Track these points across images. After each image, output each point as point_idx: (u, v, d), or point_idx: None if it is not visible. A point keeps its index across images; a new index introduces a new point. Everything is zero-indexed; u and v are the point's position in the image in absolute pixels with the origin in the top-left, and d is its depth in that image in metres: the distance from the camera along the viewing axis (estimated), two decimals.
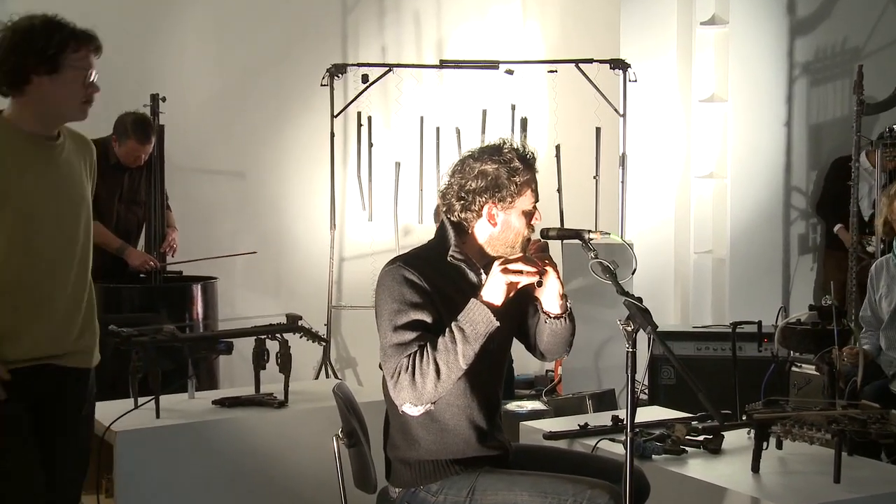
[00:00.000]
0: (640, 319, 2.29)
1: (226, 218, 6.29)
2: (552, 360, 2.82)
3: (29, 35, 2.59)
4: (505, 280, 2.45)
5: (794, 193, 6.70)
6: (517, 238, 2.58)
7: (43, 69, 2.59)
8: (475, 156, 2.58)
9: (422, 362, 2.41)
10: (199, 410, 3.76)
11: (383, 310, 2.50)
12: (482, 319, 2.42)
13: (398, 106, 6.57)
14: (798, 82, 6.65)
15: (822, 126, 6.75)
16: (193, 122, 6.10)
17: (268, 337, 3.87)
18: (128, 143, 4.96)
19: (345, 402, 2.79)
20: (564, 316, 2.64)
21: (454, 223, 2.61)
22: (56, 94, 2.62)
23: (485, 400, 2.63)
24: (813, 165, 6.74)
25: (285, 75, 6.43)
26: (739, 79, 6.46)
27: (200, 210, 6.10)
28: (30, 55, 2.58)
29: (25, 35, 2.59)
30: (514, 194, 2.55)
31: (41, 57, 2.58)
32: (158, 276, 5.15)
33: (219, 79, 6.27)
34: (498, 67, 6.22)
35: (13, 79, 2.60)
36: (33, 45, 2.58)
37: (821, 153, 6.75)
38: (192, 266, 5.49)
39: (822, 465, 2.95)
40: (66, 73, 2.61)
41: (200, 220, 6.05)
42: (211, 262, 5.62)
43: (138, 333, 3.65)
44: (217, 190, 6.28)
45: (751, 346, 4.95)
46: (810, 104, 6.70)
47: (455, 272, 2.59)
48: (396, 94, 6.53)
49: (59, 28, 2.62)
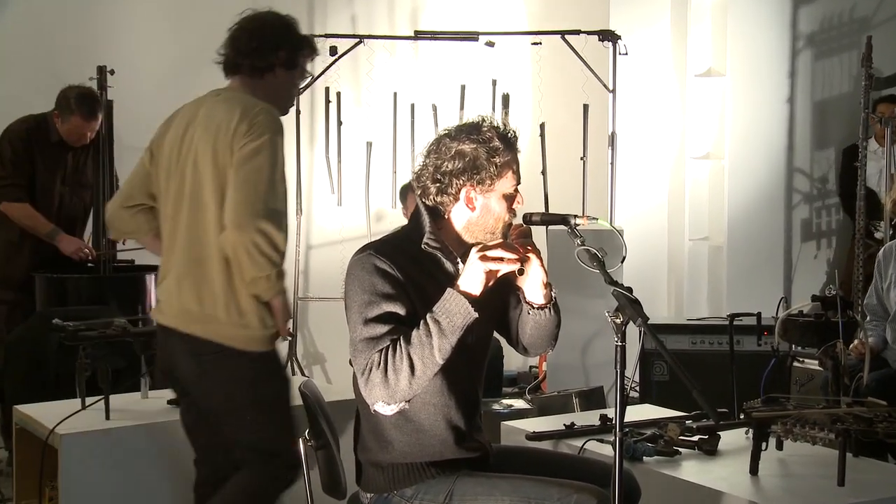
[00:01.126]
0: (630, 311, 2.30)
1: None
2: (536, 354, 2.83)
3: (289, 30, 3.14)
4: (483, 268, 2.45)
5: (797, 175, 6.74)
6: (497, 223, 2.59)
7: (286, 64, 3.12)
8: (452, 135, 2.58)
9: (394, 358, 2.42)
10: (153, 411, 3.75)
11: (353, 302, 2.50)
12: (459, 311, 2.42)
13: (369, 81, 6.55)
14: (802, 55, 6.68)
15: (828, 102, 6.79)
16: (145, 98, 6.05)
17: None
18: (71, 119, 4.93)
19: (312, 401, 2.79)
20: (549, 306, 2.65)
21: (429, 207, 2.61)
22: (283, 88, 3.15)
23: (463, 398, 2.63)
24: (818, 145, 6.78)
25: None
26: (738, 51, 6.48)
27: None
28: (283, 48, 3.10)
29: (288, 29, 3.14)
30: (494, 176, 2.55)
31: (290, 52, 3.11)
32: (108, 265, 5.12)
33: (173, 50, 6.23)
34: (477, 39, 6.21)
35: (262, 64, 3.11)
36: (290, 40, 3.12)
37: (826, 132, 6.79)
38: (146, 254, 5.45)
39: (825, 468, 2.97)
40: (296, 73, 3.17)
41: None
42: None
43: (86, 328, 3.64)
44: None
45: (749, 339, 4.99)
46: (815, 79, 6.73)
47: (430, 261, 2.59)
48: (368, 67, 6.51)
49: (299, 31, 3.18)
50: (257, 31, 3.13)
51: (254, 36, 3.12)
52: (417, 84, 6.65)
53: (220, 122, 3.01)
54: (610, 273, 2.44)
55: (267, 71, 3.11)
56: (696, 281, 6.64)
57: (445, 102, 6.42)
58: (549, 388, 5.50)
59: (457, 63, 6.64)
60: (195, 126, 3.11)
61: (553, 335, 2.71)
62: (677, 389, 4.58)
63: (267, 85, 3.12)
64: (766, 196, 6.64)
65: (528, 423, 3.66)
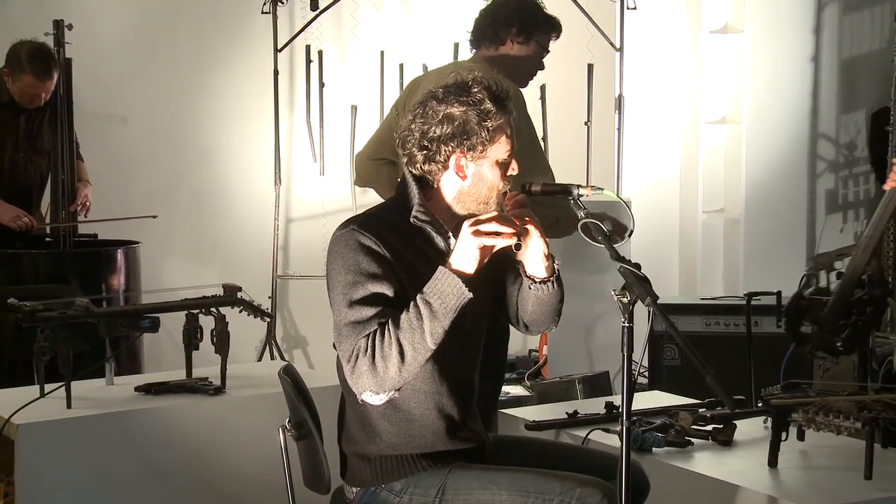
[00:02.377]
0: (638, 290, 2.31)
1: (148, 171, 6.25)
2: (538, 332, 2.84)
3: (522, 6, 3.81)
4: (477, 244, 2.44)
5: (822, 142, 6.74)
6: (490, 192, 2.58)
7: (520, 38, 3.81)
8: (439, 96, 2.57)
9: (383, 343, 2.42)
10: (118, 399, 3.75)
11: (336, 282, 2.50)
12: (452, 291, 2.42)
13: (354, 38, 6.53)
14: (828, 8, 6.66)
15: (857, 61, 6.77)
16: (108, 56, 6.04)
17: (201, 312, 3.86)
18: (23, 78, 4.90)
19: (293, 388, 2.80)
20: (552, 280, 2.65)
21: (417, 177, 2.61)
22: (520, 62, 3.85)
23: (457, 384, 2.64)
24: (845, 108, 6.77)
25: (218, 1, 6.36)
26: (758, 5, 6.46)
27: (117, 162, 6.06)
28: (514, 24, 3.79)
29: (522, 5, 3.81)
30: (486, 141, 2.54)
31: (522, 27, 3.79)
32: (69, 239, 5.11)
33: (139, 3, 6.20)
34: None
35: (497, 39, 3.81)
36: (522, 16, 3.79)
37: (854, 93, 6.77)
38: (110, 227, 5.46)
39: (850, 459, 2.99)
40: (531, 48, 3.84)
41: (117, 174, 6.00)
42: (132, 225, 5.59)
43: (44, 308, 3.63)
44: (137, 138, 6.23)
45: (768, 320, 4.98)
46: (842, 35, 6.71)
47: (419, 236, 2.59)
48: (352, 24, 6.49)
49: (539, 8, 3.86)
50: (492, 8, 3.85)
51: (489, 12, 3.84)
52: (407, 42, 6.63)
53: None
54: (616, 248, 2.45)
55: (501, 45, 3.81)
56: (710, 257, 6.64)
57: (437, 62, 6.40)
58: (550, 374, 5.51)
59: (449, 19, 6.61)
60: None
61: (556, 310, 2.72)
62: (689, 374, 4.58)
63: (503, 58, 3.80)
64: (787, 164, 6.64)
65: (527, 411, 3.67)
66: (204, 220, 6.40)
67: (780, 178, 6.61)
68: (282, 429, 2.84)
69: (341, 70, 6.61)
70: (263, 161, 6.36)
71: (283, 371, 2.85)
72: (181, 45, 6.33)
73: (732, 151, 6.59)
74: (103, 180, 5.63)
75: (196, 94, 6.38)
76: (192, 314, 3.86)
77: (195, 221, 6.35)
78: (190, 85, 6.35)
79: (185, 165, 6.37)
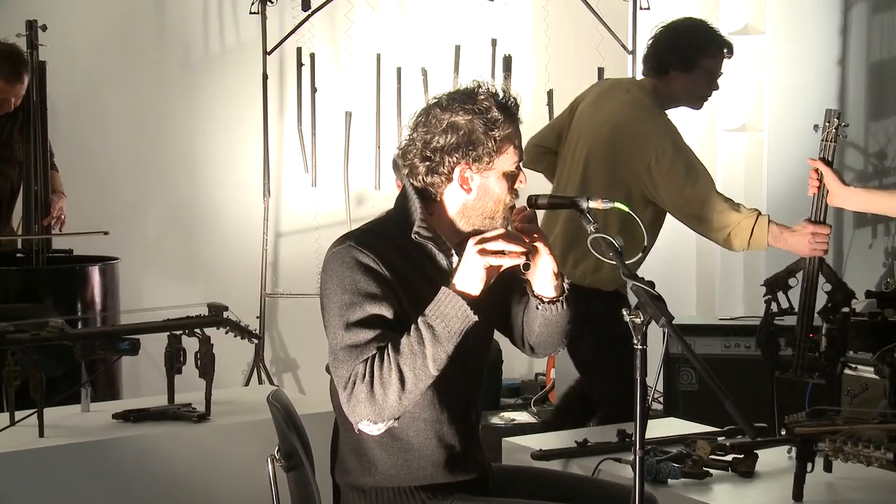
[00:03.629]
0: (652, 309, 2.31)
1: (128, 183, 6.26)
2: (545, 355, 2.84)
3: (683, 34, 4.18)
4: (483, 263, 2.45)
5: (850, 150, 6.75)
6: (497, 207, 2.59)
7: (681, 67, 4.16)
8: (443, 104, 2.58)
9: (382, 369, 2.42)
10: (95, 427, 3.75)
11: (332, 302, 2.51)
12: (456, 314, 2.42)
13: (349, 40, 6.54)
14: (856, 8, 6.68)
15: (887, 64, 6.79)
16: (85, 59, 6.05)
17: (184, 333, 3.86)
18: None
19: (282, 415, 2.80)
20: (561, 299, 2.66)
21: (418, 190, 2.61)
22: (682, 88, 4.22)
23: (458, 412, 2.64)
24: (873, 115, 6.79)
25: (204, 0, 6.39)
26: (780, 4, 6.48)
27: (94, 172, 6.07)
28: (675, 53, 4.16)
29: (682, 33, 4.18)
30: (493, 152, 2.55)
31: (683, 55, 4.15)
32: (42, 255, 5.11)
33: (118, 3, 6.22)
34: None
35: (659, 67, 4.20)
36: (683, 44, 4.16)
37: (884, 99, 6.78)
38: (87, 242, 5.46)
39: (881, 492, 2.99)
40: (696, 75, 4.19)
41: (94, 185, 6.01)
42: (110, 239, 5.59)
43: (15, 329, 3.63)
44: (116, 146, 6.24)
45: None
46: (871, 36, 6.73)
47: (420, 253, 2.59)
48: (346, 24, 6.50)
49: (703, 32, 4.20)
50: (657, 36, 4.23)
51: (654, 40, 4.23)
52: (404, 44, 6.65)
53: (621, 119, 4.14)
54: (628, 265, 2.45)
55: (665, 75, 4.20)
56: (729, 274, 6.64)
57: (437, 66, 6.42)
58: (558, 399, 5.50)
59: (450, 20, 6.64)
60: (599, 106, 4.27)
61: (565, 332, 2.73)
62: (707, 400, 4.58)
63: (667, 88, 4.20)
64: None
65: (533, 439, 3.67)
66: (188, 235, 6.40)
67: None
68: (270, 458, 2.84)
69: (335, 74, 6.62)
70: (252, 171, 6.37)
71: (272, 396, 2.85)
72: (164, 48, 6.35)
73: (753, 161, 6.60)
74: (79, 192, 5.63)
75: (180, 100, 6.39)
76: (174, 335, 3.86)
77: (178, 236, 6.35)
78: (173, 90, 6.37)
79: (168, 176, 6.38)
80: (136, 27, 6.28)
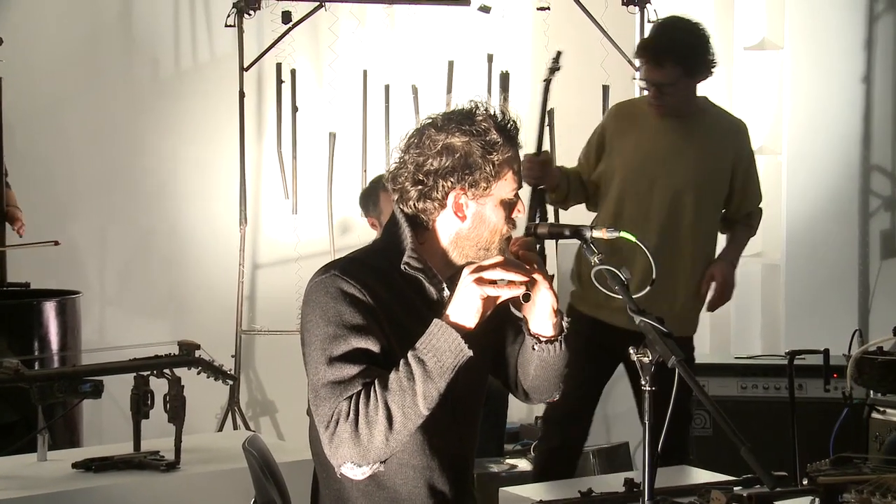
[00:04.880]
0: (661, 347, 2.31)
1: (91, 208, 6.26)
2: (540, 400, 2.83)
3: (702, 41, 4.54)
4: (480, 293, 2.44)
5: (876, 175, 6.76)
6: (493, 237, 2.59)
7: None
8: (438, 124, 2.58)
9: (368, 407, 2.41)
10: (53, 477, 3.73)
11: (313, 336, 2.50)
12: (450, 348, 2.42)
13: (333, 55, 6.56)
14: (881, 21, 6.71)
15: None
16: (45, 74, 6.07)
17: (152, 373, 3.86)
18: None
19: (259, 463, 2.79)
20: (559, 339, 2.66)
21: (409, 216, 2.62)
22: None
23: (450, 458, 2.63)
24: None
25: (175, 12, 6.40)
26: (799, 17, 6.51)
27: (53, 196, 6.07)
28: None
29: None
30: (491, 178, 2.55)
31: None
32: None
33: (81, 15, 6.24)
34: (469, 3, 6.24)
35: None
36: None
37: None
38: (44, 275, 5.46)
39: None
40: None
41: (52, 207, 6.01)
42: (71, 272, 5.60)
43: None
44: (78, 169, 6.24)
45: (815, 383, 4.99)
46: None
47: (409, 285, 2.59)
48: (330, 38, 6.52)
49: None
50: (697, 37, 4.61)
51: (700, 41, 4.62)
52: (393, 60, 6.67)
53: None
54: (636, 299, 2.46)
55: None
56: (745, 309, 6.65)
57: (428, 83, 6.43)
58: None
59: (443, 33, 6.66)
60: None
61: (561, 375, 2.72)
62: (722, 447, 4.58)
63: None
64: (835, 200, 6.66)
65: (533, 489, 3.66)
66: (157, 266, 6.40)
67: (826, 216, 6.64)
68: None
69: (318, 91, 6.64)
70: (227, 197, 6.37)
71: (248, 443, 2.85)
72: (131, 64, 6.36)
73: (771, 186, 6.60)
74: (38, 217, 5.63)
75: (148, 120, 6.39)
76: (141, 377, 3.85)
77: (146, 267, 6.35)
78: (141, 109, 6.37)
79: (135, 202, 6.38)
80: (101, 40, 6.29)
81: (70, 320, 5.15)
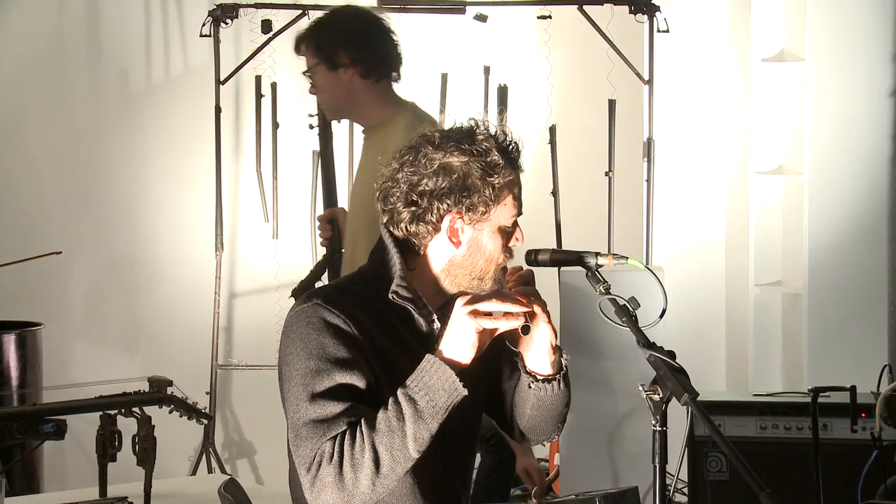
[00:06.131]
0: (672, 384, 2.31)
1: (55, 231, 6.25)
2: (538, 442, 2.83)
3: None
4: (475, 326, 2.45)
5: None
6: (488, 266, 2.59)
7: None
8: (436, 142, 2.58)
9: (353, 448, 2.41)
10: None
11: (294, 370, 2.50)
12: (443, 386, 2.42)
13: None
14: None
15: None
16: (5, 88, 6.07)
17: (120, 412, 3.85)
18: None
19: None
20: (558, 377, 2.66)
21: (398, 240, 2.62)
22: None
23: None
24: None
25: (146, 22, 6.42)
26: (821, 27, 6.53)
27: (12, 214, 6.07)
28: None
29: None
30: (490, 202, 2.55)
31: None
32: None
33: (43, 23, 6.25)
34: (465, 11, 6.26)
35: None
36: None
37: None
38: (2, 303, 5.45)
39: None
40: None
41: (15, 232, 6.01)
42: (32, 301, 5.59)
43: None
44: (42, 189, 6.25)
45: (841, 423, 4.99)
46: None
47: (397, 315, 2.59)
48: None
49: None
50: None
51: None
52: None
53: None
54: (645, 332, 2.46)
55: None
56: (765, 342, 6.65)
57: (421, 97, 6.41)
58: (562, 490, 5.49)
59: (436, 43, 6.68)
60: None
61: (560, 415, 2.72)
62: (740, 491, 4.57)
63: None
64: (861, 224, 6.66)
65: None
66: (125, 295, 6.39)
67: (852, 241, 6.64)
68: None
69: (300, 107, 6.63)
70: (202, 220, 6.38)
71: (224, 488, 2.84)
72: (98, 76, 6.37)
73: (792, 209, 6.62)
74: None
75: (117, 136, 6.40)
76: (108, 416, 3.84)
77: (114, 296, 6.34)
78: (109, 125, 6.38)
79: (102, 225, 6.38)
80: (66, 50, 6.30)
81: (30, 354, 5.15)
